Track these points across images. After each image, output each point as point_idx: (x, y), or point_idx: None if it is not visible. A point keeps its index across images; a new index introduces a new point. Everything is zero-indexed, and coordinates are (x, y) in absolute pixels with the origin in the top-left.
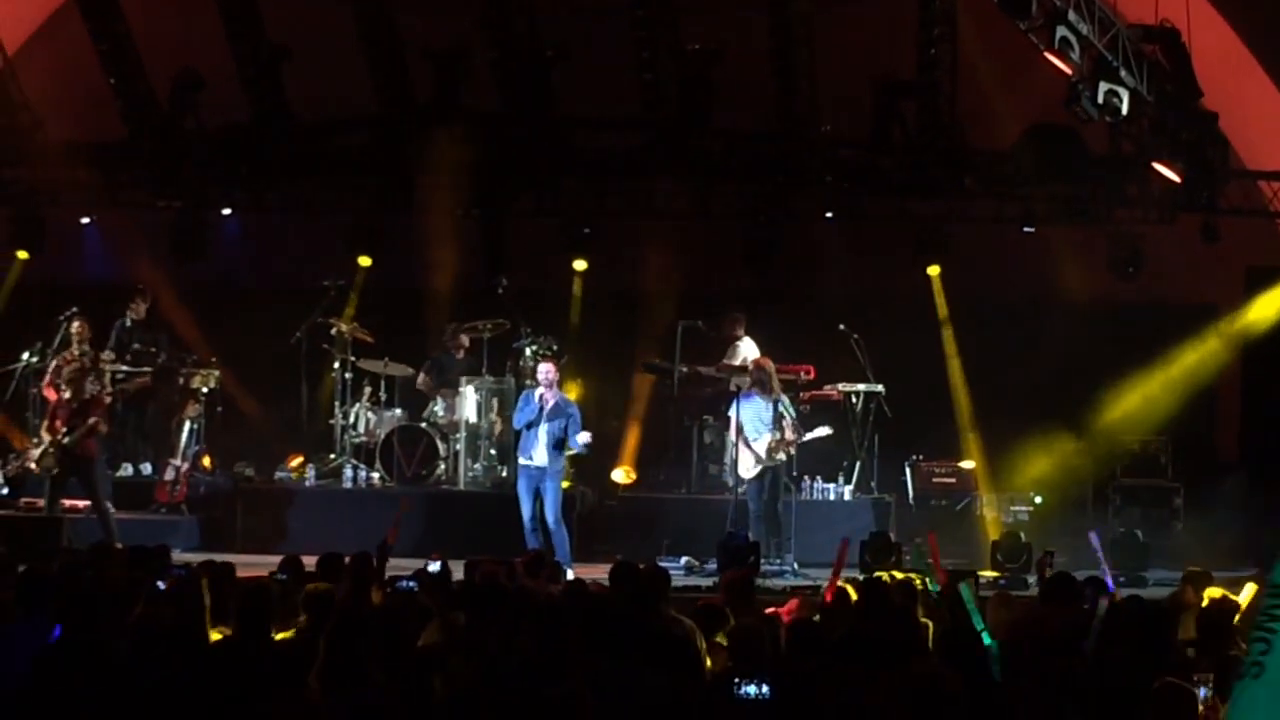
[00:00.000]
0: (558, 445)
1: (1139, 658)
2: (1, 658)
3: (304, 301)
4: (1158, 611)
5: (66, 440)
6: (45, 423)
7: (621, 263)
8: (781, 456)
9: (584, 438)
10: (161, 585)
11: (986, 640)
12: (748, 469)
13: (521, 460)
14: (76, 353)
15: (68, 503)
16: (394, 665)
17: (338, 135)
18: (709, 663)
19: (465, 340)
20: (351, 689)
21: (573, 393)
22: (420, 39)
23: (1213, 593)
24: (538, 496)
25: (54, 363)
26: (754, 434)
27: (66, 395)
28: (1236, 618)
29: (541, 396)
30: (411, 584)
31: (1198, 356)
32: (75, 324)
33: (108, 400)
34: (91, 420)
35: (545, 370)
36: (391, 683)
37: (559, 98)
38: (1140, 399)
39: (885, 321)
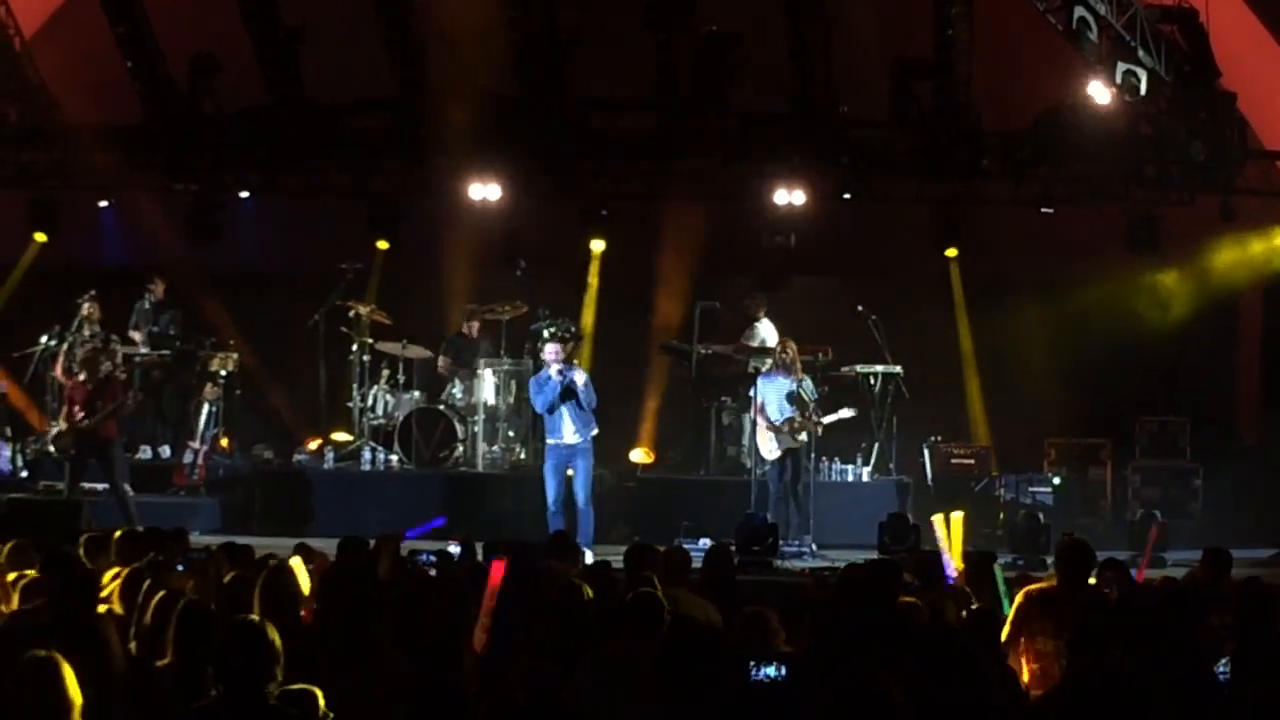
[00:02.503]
0: (584, 416)
1: (1161, 638)
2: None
3: (322, 284)
4: (1180, 592)
5: (86, 423)
6: (64, 409)
7: (639, 244)
8: (803, 437)
9: (579, 377)
10: (181, 568)
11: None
12: (769, 450)
13: (550, 441)
14: (88, 334)
15: (86, 485)
16: (411, 644)
17: (355, 118)
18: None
19: (476, 324)
20: (367, 668)
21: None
22: (437, 21)
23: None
24: (565, 477)
25: (66, 346)
26: (776, 415)
27: (81, 378)
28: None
29: (558, 373)
30: (431, 557)
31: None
32: (86, 306)
33: (122, 378)
34: (116, 404)
35: (553, 350)
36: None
37: (576, 80)
38: (1159, 377)
39: (903, 303)
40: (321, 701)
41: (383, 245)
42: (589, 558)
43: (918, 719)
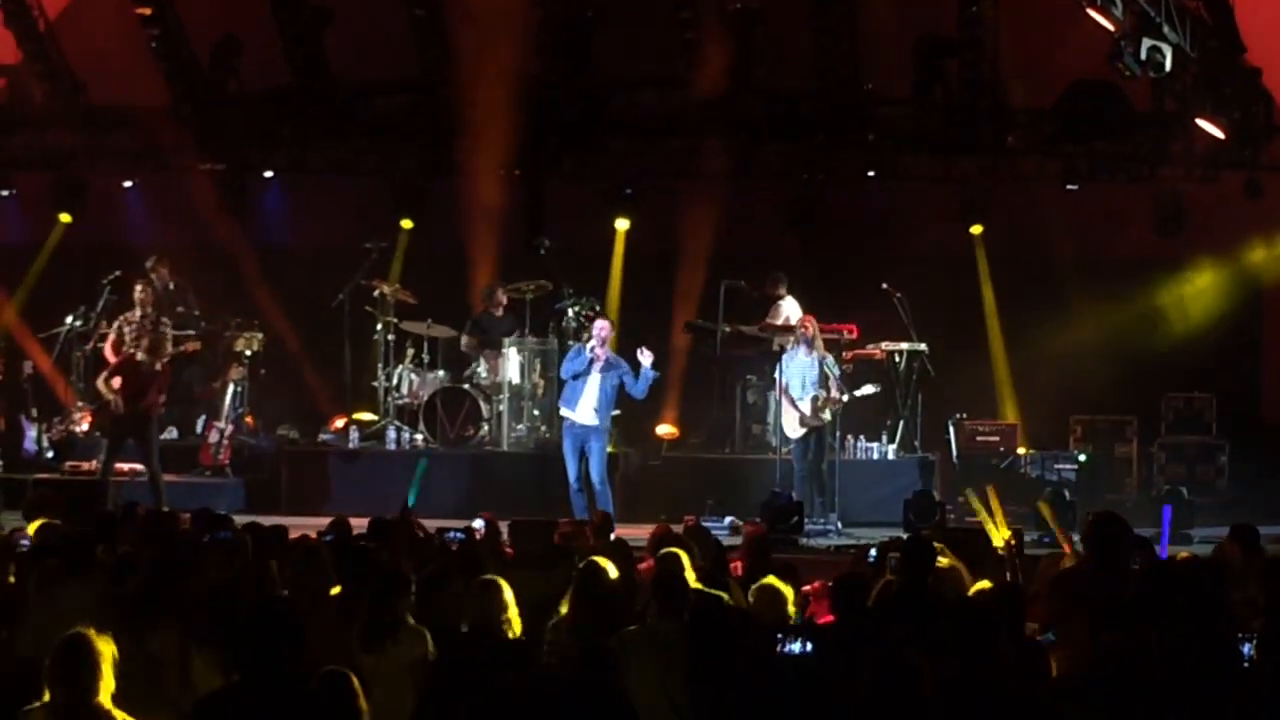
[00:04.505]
0: (607, 402)
1: (1187, 615)
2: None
3: (346, 264)
4: (1207, 570)
5: (137, 406)
6: (105, 379)
7: (663, 223)
8: (826, 415)
9: (646, 358)
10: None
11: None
12: (793, 429)
13: (565, 413)
14: (138, 315)
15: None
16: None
17: (380, 98)
18: None
19: (503, 298)
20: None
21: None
22: (461, 1)
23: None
24: (583, 456)
25: (116, 323)
26: (799, 393)
27: (141, 357)
28: None
29: (593, 350)
30: (459, 534)
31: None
32: (139, 287)
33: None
34: (161, 399)
35: (601, 326)
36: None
37: (600, 59)
38: (1185, 354)
39: (928, 280)
40: (357, 684)
41: (407, 225)
42: (611, 536)
43: (941, 694)
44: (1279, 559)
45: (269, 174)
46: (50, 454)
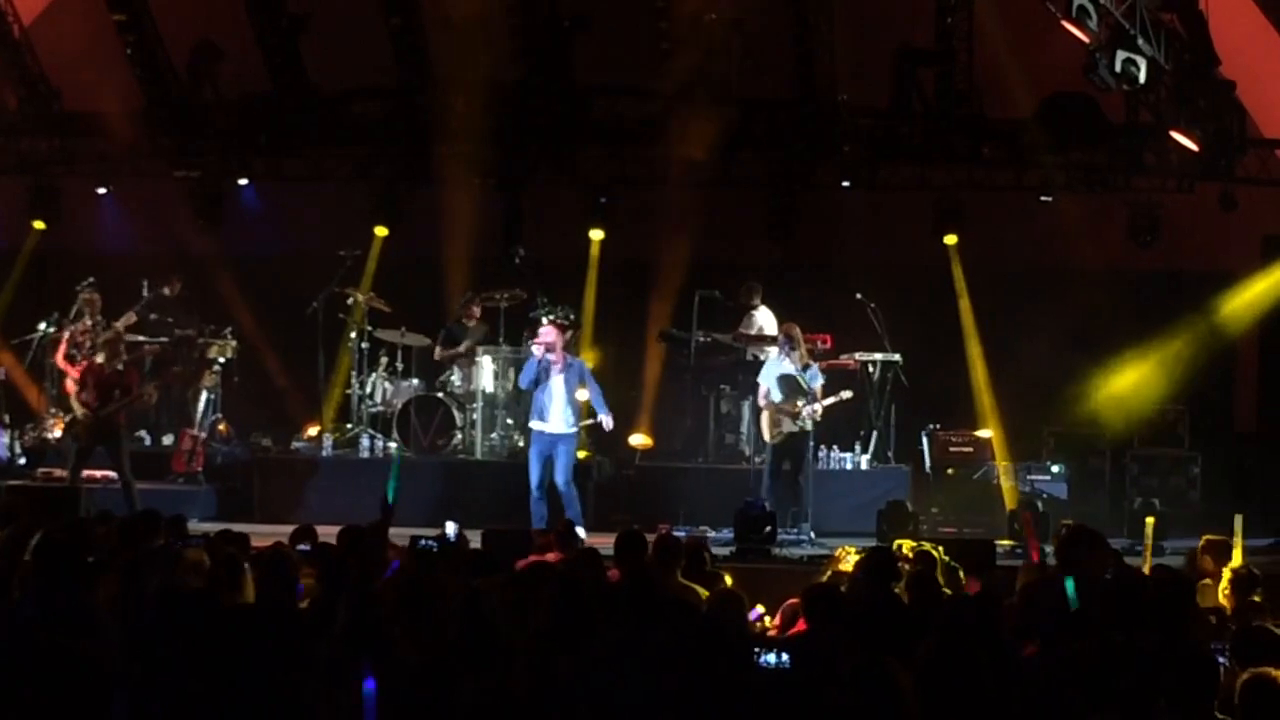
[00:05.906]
0: (574, 405)
1: (1157, 625)
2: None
3: (321, 271)
4: (1175, 579)
5: (103, 411)
6: (78, 393)
7: (638, 232)
8: (809, 424)
9: (606, 422)
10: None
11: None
12: (771, 435)
13: (535, 425)
14: (89, 324)
15: (84, 473)
16: (413, 627)
17: (356, 105)
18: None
19: (476, 310)
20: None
21: (590, 362)
22: (439, 7)
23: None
24: (548, 463)
25: (67, 334)
26: (780, 399)
27: (99, 359)
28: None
29: (538, 349)
30: (431, 543)
31: (1214, 323)
32: (84, 295)
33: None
34: (133, 395)
35: (545, 331)
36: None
37: (577, 67)
38: (1157, 367)
39: (903, 290)
40: None
41: (381, 232)
42: (581, 534)
43: (920, 701)
44: (1244, 569)
45: (244, 181)
46: (22, 460)
